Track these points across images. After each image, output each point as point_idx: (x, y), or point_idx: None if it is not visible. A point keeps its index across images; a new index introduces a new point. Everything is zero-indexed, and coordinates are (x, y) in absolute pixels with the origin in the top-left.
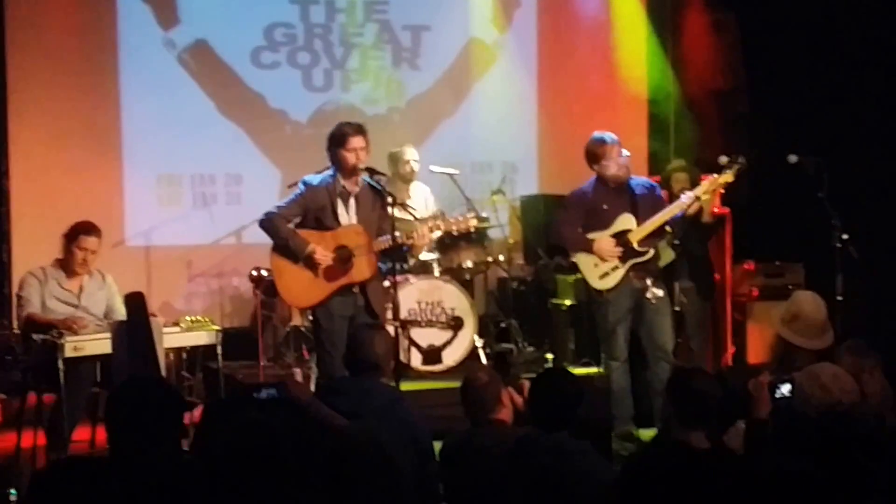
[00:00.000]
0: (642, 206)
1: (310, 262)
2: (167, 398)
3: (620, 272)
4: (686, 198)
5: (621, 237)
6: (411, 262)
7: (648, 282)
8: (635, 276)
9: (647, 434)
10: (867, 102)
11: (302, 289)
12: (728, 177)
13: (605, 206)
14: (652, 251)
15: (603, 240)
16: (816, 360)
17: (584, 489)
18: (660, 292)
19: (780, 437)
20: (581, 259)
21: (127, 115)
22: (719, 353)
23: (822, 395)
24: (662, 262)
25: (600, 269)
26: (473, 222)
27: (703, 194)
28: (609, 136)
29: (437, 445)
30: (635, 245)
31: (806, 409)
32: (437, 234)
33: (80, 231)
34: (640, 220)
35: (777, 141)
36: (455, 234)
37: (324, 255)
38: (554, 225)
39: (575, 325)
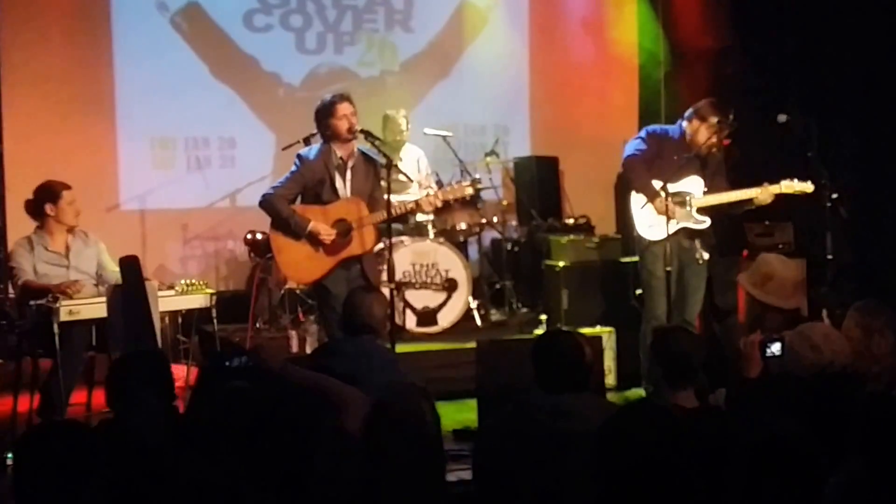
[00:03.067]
0: (710, 174)
1: (312, 240)
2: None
3: (670, 228)
4: (761, 192)
5: (682, 197)
6: (411, 220)
7: (697, 243)
8: (684, 234)
9: None
10: (856, 61)
11: (304, 264)
12: (809, 187)
13: (676, 157)
14: (708, 221)
15: (665, 198)
16: (784, 320)
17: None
18: (706, 255)
19: (770, 397)
20: (637, 200)
21: (120, 78)
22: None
23: (814, 356)
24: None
25: (651, 219)
26: (469, 190)
27: (771, 196)
28: (725, 109)
29: None
30: (695, 212)
31: (796, 370)
32: (437, 204)
33: (60, 188)
34: (708, 188)
35: (766, 100)
36: (452, 202)
37: (327, 232)
38: (630, 155)
39: (568, 287)
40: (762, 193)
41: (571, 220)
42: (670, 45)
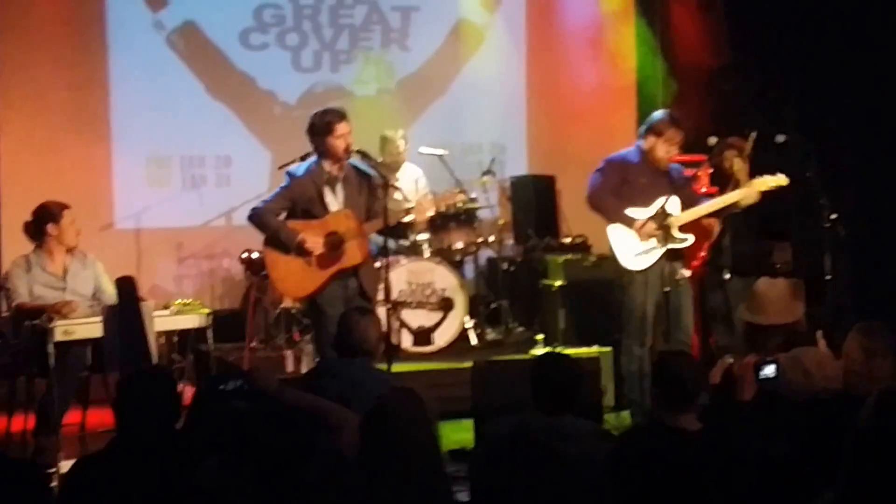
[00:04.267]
0: (678, 189)
1: (301, 252)
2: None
3: (657, 253)
4: (738, 195)
5: (661, 219)
6: (411, 237)
7: (677, 263)
8: (666, 258)
9: None
10: (855, 81)
11: (297, 279)
12: (783, 180)
13: (643, 180)
14: (691, 238)
15: (647, 223)
16: (785, 337)
17: (585, 472)
18: (687, 273)
19: (764, 420)
20: (617, 232)
21: (116, 97)
22: (706, 334)
23: (805, 382)
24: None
25: (636, 247)
26: (461, 196)
27: (756, 194)
28: (677, 119)
29: None
30: (675, 231)
31: (788, 394)
32: (429, 213)
33: (61, 208)
34: (684, 203)
35: (765, 120)
36: (444, 210)
37: (314, 243)
38: (593, 189)
39: (565, 306)
40: (745, 193)
41: (568, 240)
42: (668, 64)
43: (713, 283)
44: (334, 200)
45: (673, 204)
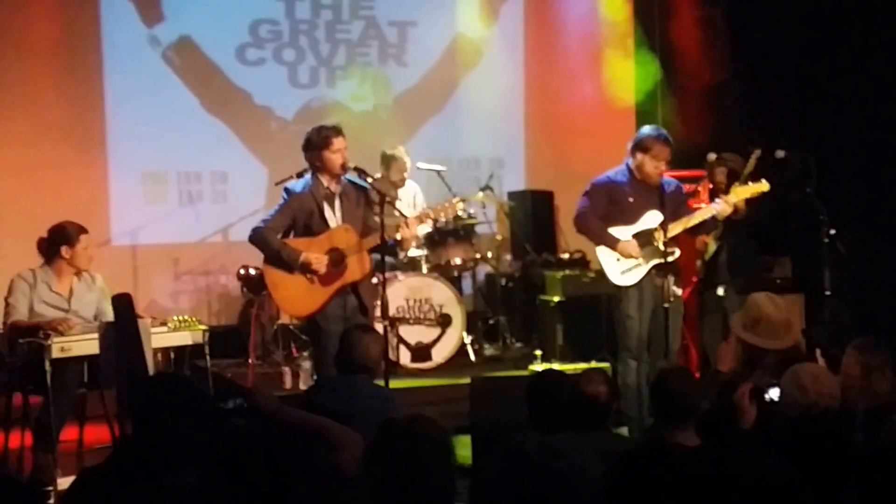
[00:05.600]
0: (669, 204)
1: (305, 271)
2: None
3: (643, 270)
4: (719, 204)
5: (646, 235)
6: (401, 255)
7: (669, 280)
8: (656, 273)
9: None
10: (854, 97)
11: (300, 298)
12: (764, 186)
13: (630, 199)
14: (677, 252)
15: (628, 243)
16: (783, 359)
17: (583, 491)
18: (678, 291)
19: (763, 435)
20: (603, 252)
21: (111, 112)
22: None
23: (800, 396)
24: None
25: (622, 264)
26: (460, 205)
27: (739, 201)
28: (666, 135)
29: None
30: (661, 245)
31: (786, 409)
32: (427, 228)
33: (78, 231)
34: (666, 218)
35: (764, 136)
36: (444, 220)
37: (318, 261)
38: (578, 213)
39: (563, 322)
40: (720, 206)
41: (566, 255)
42: (667, 79)
43: (710, 300)
44: (333, 216)
45: (654, 218)
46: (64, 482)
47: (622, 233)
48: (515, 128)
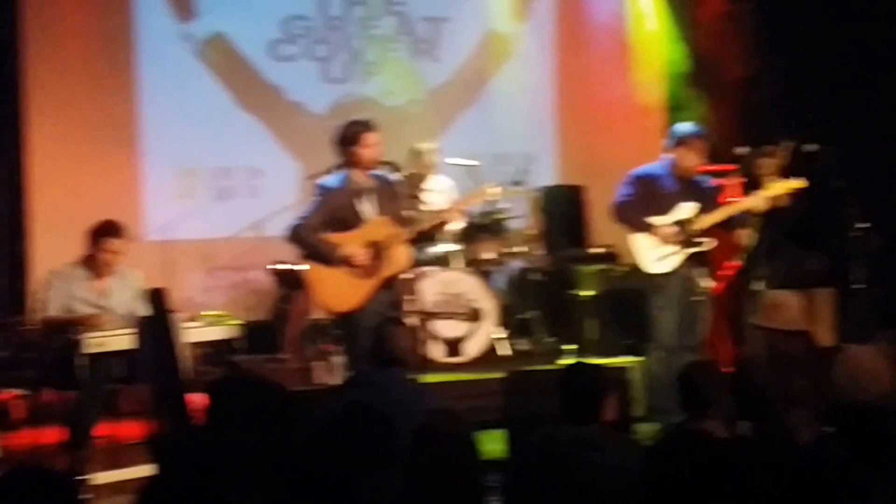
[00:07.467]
0: (704, 199)
1: (347, 264)
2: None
3: (676, 259)
4: (754, 199)
5: (682, 225)
6: (438, 239)
7: (699, 272)
8: (687, 264)
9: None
10: (885, 90)
11: (342, 293)
12: (800, 182)
13: (667, 192)
14: (712, 242)
15: (666, 226)
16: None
17: (614, 482)
18: (709, 283)
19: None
20: (638, 240)
21: (145, 108)
22: (739, 344)
23: (852, 385)
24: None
25: (656, 252)
26: (492, 192)
27: (774, 197)
28: (704, 131)
29: None
30: (696, 235)
31: (843, 397)
32: (460, 223)
33: (103, 232)
34: (701, 210)
35: (794, 129)
36: (477, 208)
37: (359, 254)
38: (617, 201)
39: (595, 316)
40: (756, 200)
41: (598, 250)
42: (697, 73)
43: (745, 294)
44: (367, 210)
45: (690, 209)
46: (97, 477)
47: (658, 221)
48: (547, 123)
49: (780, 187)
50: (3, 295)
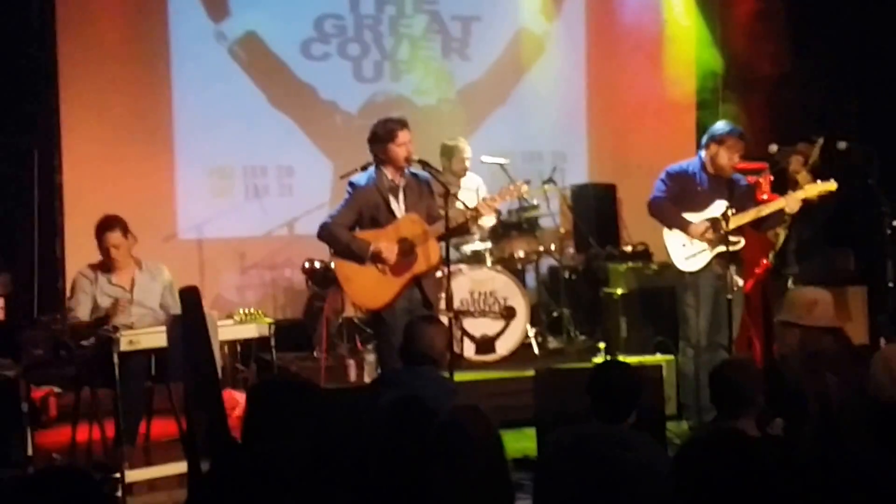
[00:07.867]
0: (738, 197)
1: (376, 261)
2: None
3: (707, 256)
4: (788, 200)
5: (713, 223)
6: (473, 231)
7: (732, 270)
8: (718, 262)
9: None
10: None
11: (373, 290)
12: (832, 185)
13: (701, 189)
14: (742, 241)
15: (700, 224)
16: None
17: (644, 481)
18: (740, 282)
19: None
20: (671, 237)
21: (178, 107)
22: (770, 343)
23: (890, 384)
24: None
25: (688, 249)
26: (524, 188)
27: (810, 197)
28: (741, 130)
29: None
30: (728, 233)
31: (873, 393)
32: (491, 221)
33: (101, 228)
34: (734, 209)
35: (826, 127)
36: (509, 204)
37: (389, 251)
38: (653, 197)
39: (627, 314)
40: (789, 201)
41: (629, 248)
42: (728, 71)
43: (778, 293)
44: (399, 208)
45: (721, 207)
46: (132, 475)
47: (692, 218)
48: (578, 121)
49: (812, 189)
50: (40, 294)
